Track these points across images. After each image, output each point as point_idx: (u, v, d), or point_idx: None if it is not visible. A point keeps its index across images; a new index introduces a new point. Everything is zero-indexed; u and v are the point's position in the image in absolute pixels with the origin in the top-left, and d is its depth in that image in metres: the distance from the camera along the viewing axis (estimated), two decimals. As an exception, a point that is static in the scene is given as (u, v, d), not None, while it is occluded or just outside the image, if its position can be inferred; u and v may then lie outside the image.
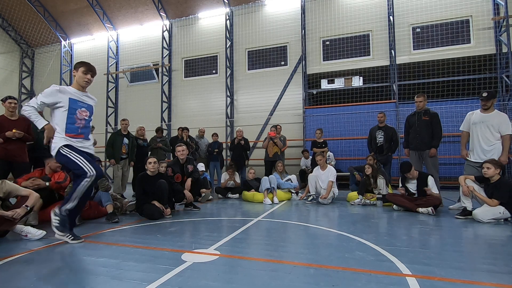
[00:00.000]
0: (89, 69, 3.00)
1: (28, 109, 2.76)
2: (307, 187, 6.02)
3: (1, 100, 4.57)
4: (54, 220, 2.77)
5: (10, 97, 4.42)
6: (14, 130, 4.21)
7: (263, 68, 10.64)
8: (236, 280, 1.94)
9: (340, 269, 2.12)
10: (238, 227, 3.55)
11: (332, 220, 4.12)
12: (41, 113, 2.93)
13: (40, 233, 3.00)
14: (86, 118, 2.96)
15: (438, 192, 4.52)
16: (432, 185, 4.53)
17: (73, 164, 2.75)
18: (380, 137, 6.30)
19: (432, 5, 8.77)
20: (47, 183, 3.84)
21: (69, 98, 2.86)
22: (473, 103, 7.68)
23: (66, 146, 2.80)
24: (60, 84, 12.96)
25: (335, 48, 9.74)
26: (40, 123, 2.76)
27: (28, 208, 3.06)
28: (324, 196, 5.43)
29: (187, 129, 7.56)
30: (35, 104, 2.77)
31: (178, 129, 7.97)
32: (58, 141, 2.80)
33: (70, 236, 2.83)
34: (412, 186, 4.70)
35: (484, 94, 4.35)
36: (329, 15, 9.79)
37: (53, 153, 2.82)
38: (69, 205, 2.74)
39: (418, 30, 9.01)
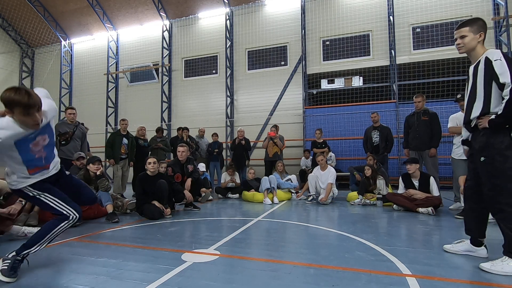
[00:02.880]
0: (29, 104, 1.84)
1: None
2: (305, 185, 6.03)
3: None
4: (3, 264, 1.98)
5: None
6: None
7: (263, 68, 10.64)
8: (236, 280, 1.95)
9: (340, 269, 2.12)
10: (238, 227, 3.55)
11: (332, 220, 4.12)
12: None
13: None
14: (46, 144, 2.11)
15: (438, 194, 4.52)
16: (434, 186, 4.53)
17: (48, 207, 2.14)
18: (376, 137, 6.31)
19: (432, 5, 8.78)
20: None
21: (15, 142, 1.92)
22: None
23: (33, 186, 2.09)
24: (60, 85, 13.02)
25: (335, 48, 9.75)
26: None
27: (23, 203, 3.05)
28: (323, 199, 5.43)
29: (187, 129, 7.56)
30: None
31: (178, 129, 7.97)
32: (23, 181, 2.06)
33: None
34: (416, 185, 4.70)
35: (458, 96, 4.37)
36: (329, 15, 9.79)
37: (12, 188, 2.11)
38: (34, 249, 2.07)
39: (418, 30, 9.02)
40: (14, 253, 2.03)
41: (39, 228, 2.86)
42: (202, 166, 6.72)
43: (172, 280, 1.94)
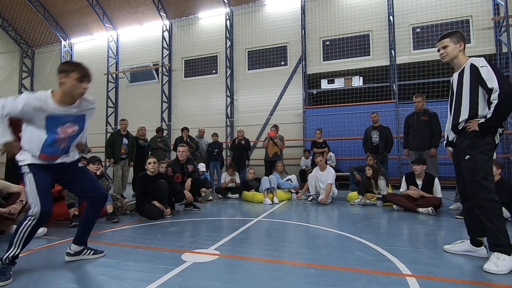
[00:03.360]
0: (86, 73, 2.13)
1: None
2: (304, 186, 6.03)
3: None
4: None
5: None
6: None
7: (263, 68, 10.64)
8: (236, 280, 1.95)
9: (340, 269, 2.12)
10: (238, 227, 3.55)
11: (332, 220, 4.12)
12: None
13: (41, 230, 3.00)
14: (73, 134, 2.21)
15: (441, 195, 4.51)
16: (437, 188, 4.53)
17: (27, 192, 2.08)
18: (375, 137, 6.31)
19: (432, 5, 8.77)
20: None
21: (47, 116, 2.07)
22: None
23: (31, 165, 2.10)
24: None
25: (335, 48, 9.74)
26: (2, 136, 2.03)
27: (24, 203, 3.06)
28: (323, 200, 5.42)
29: (187, 129, 7.56)
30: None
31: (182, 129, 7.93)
32: (26, 157, 2.12)
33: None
34: (420, 186, 4.69)
35: None
36: (329, 15, 9.79)
37: (19, 164, 2.15)
38: (11, 252, 2.03)
39: (418, 30, 9.01)
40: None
41: (40, 228, 2.87)
42: (202, 166, 6.72)
43: (172, 280, 1.94)
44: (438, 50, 2.47)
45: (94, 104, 2.31)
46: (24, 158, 2.11)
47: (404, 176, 4.91)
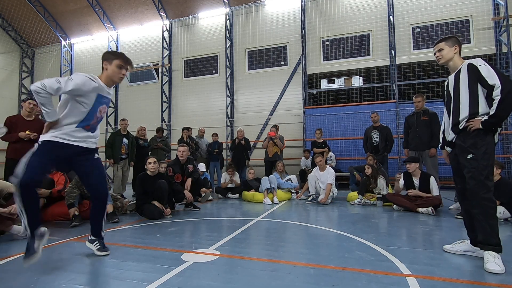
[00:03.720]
0: (126, 62, 2.46)
1: (43, 94, 2.09)
2: (304, 186, 6.03)
3: (22, 100, 4.69)
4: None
5: (31, 98, 4.52)
6: (27, 132, 4.26)
7: (263, 68, 10.64)
8: (236, 280, 1.95)
9: (340, 269, 2.12)
10: (238, 227, 3.55)
11: (332, 220, 4.12)
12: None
13: (42, 230, 3.00)
14: (103, 115, 2.50)
15: (438, 193, 4.52)
16: (434, 186, 4.53)
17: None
18: (375, 137, 6.31)
19: (432, 5, 8.77)
20: (50, 191, 3.84)
21: (98, 94, 2.35)
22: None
23: (45, 142, 2.23)
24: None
25: (335, 48, 9.75)
26: (51, 115, 2.18)
27: None
28: (323, 200, 5.42)
29: (187, 129, 7.55)
30: (52, 90, 2.11)
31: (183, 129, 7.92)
32: (47, 136, 2.24)
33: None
34: (417, 184, 4.69)
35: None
36: (329, 15, 9.79)
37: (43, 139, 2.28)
38: (23, 221, 2.13)
39: (418, 30, 9.02)
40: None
41: (40, 227, 2.87)
42: (202, 166, 6.72)
43: (172, 280, 1.94)
44: (434, 54, 2.55)
45: (111, 93, 2.60)
46: (44, 137, 2.24)
47: (402, 173, 4.92)
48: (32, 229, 2.11)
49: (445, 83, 2.60)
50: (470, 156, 2.28)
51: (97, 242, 2.53)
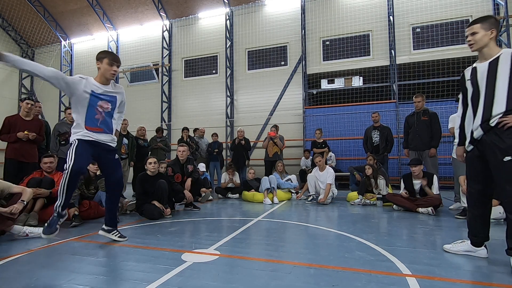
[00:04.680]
0: (114, 59, 2.71)
1: (47, 70, 2.43)
2: (304, 186, 6.03)
3: (20, 99, 4.72)
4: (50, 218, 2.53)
5: (29, 98, 4.55)
6: (26, 132, 4.26)
7: (263, 68, 10.64)
8: (236, 280, 1.95)
9: (340, 269, 2.12)
10: (238, 227, 3.55)
11: (332, 220, 4.12)
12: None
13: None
14: (107, 111, 2.71)
15: (438, 193, 4.52)
16: (434, 185, 4.53)
17: (67, 156, 2.52)
18: (376, 136, 6.31)
19: (432, 5, 8.77)
20: (50, 191, 3.84)
21: (91, 90, 2.62)
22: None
23: (79, 139, 2.58)
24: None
25: (335, 48, 9.74)
26: (17, 63, 2.28)
27: (25, 203, 3.06)
28: (322, 200, 5.43)
29: (187, 129, 7.56)
30: (58, 73, 2.51)
31: (192, 130, 7.94)
32: (76, 135, 2.60)
33: (116, 233, 2.91)
34: (417, 187, 4.69)
35: (460, 96, 4.40)
36: (329, 15, 9.79)
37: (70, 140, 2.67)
38: (58, 202, 2.49)
39: (418, 30, 9.01)
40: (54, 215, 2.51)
41: (40, 227, 2.89)
42: (202, 166, 6.72)
43: (172, 280, 1.94)
44: (466, 37, 2.22)
45: (122, 88, 2.91)
46: (74, 137, 2.61)
47: (402, 178, 4.92)
48: (63, 209, 2.51)
49: (467, 73, 2.30)
50: (508, 158, 2.01)
51: (115, 231, 2.90)
